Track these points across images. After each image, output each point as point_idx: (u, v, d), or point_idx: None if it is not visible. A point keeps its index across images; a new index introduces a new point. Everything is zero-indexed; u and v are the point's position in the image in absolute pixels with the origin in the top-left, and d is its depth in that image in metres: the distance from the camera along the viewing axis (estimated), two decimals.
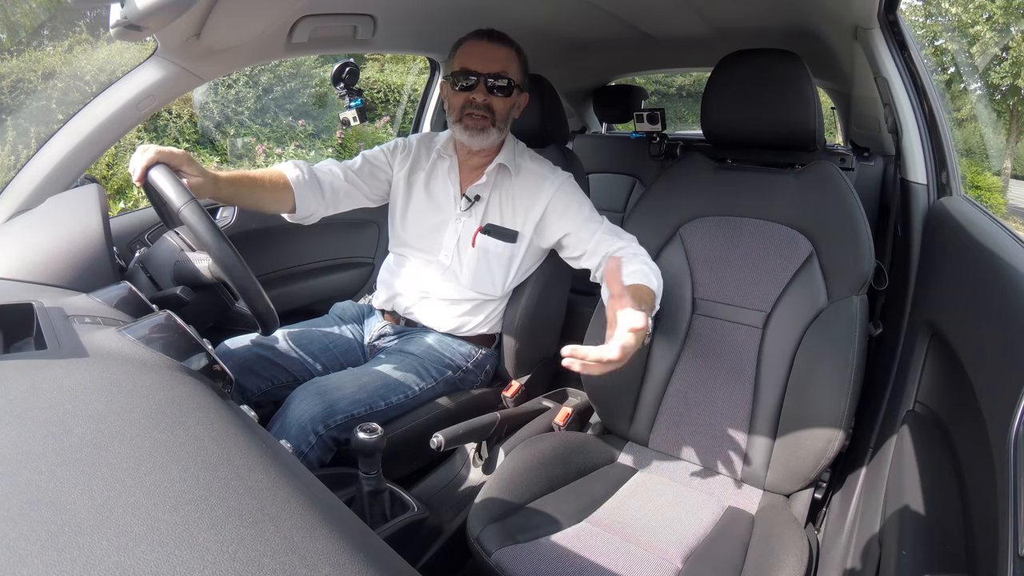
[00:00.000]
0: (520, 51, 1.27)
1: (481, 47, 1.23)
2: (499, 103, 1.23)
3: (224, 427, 0.48)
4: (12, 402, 0.44)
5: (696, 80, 11.66)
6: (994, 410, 0.64)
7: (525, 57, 1.29)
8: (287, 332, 1.32)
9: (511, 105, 1.26)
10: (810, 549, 0.95)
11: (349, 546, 0.38)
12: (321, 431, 1.09)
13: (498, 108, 1.24)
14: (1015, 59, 10.65)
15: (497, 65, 1.22)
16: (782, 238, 1.20)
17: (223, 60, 1.22)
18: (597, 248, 1.24)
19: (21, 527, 0.31)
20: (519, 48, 1.27)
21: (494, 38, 1.24)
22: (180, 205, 0.86)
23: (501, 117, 1.25)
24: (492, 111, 1.23)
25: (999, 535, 0.53)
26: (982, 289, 0.82)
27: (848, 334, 1.06)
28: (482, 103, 1.22)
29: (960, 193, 1.21)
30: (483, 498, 1.00)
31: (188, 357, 0.64)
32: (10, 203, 1.07)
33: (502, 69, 1.22)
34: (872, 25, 1.16)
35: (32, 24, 5.54)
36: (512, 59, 1.24)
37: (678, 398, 1.24)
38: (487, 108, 1.23)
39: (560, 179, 1.30)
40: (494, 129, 1.25)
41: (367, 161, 1.38)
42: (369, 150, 1.42)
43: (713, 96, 1.27)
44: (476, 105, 1.22)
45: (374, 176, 1.38)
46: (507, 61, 1.23)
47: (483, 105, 1.22)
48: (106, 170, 5.01)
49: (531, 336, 1.41)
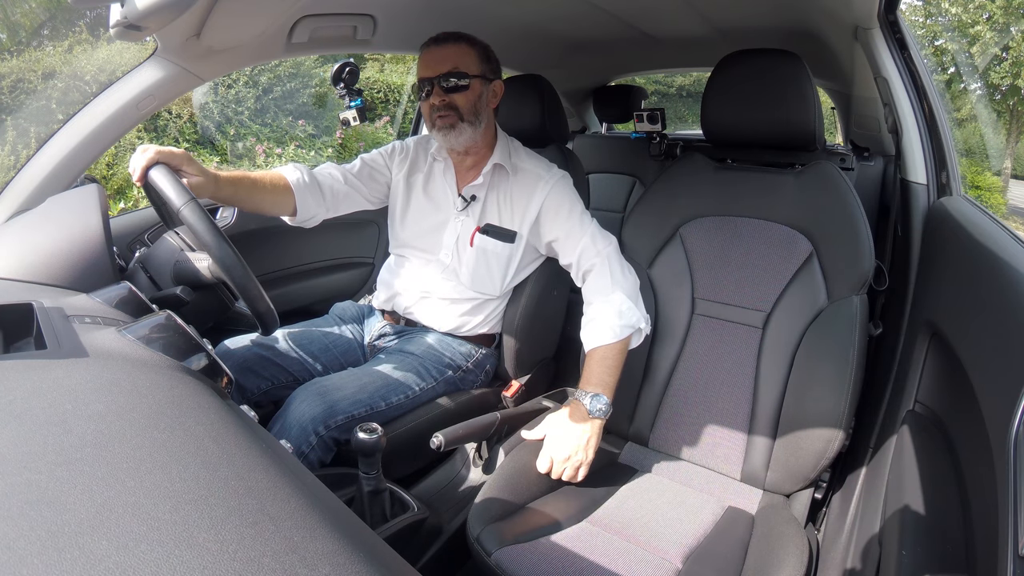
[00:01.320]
0: (474, 42, 1.27)
1: (429, 54, 1.25)
2: (459, 98, 1.24)
3: (224, 427, 0.48)
4: (12, 402, 0.44)
5: (696, 80, 11.67)
6: (994, 410, 0.64)
7: (483, 47, 1.29)
8: (287, 332, 1.32)
9: (475, 97, 1.26)
10: (810, 549, 0.95)
11: (349, 546, 0.38)
12: (322, 431, 1.09)
13: (459, 103, 1.24)
14: (1015, 59, 10.65)
15: (447, 64, 1.22)
16: (782, 238, 1.20)
17: (223, 60, 1.23)
18: (580, 261, 1.25)
19: (21, 527, 0.31)
20: (471, 40, 1.27)
21: (439, 40, 1.25)
22: (180, 205, 0.86)
23: (467, 111, 1.25)
24: (455, 108, 1.24)
25: (999, 535, 0.53)
26: (982, 289, 0.82)
27: (848, 334, 1.06)
28: (441, 103, 1.23)
29: (960, 193, 1.21)
30: (483, 498, 1.00)
31: (188, 357, 0.64)
32: (10, 203, 1.07)
33: (452, 66, 1.22)
34: (872, 25, 1.16)
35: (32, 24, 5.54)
36: (463, 53, 1.24)
37: (678, 398, 1.24)
38: (449, 107, 1.24)
39: (554, 179, 1.30)
40: (464, 124, 1.25)
41: (365, 164, 1.39)
42: (367, 153, 1.43)
43: (713, 96, 1.27)
44: (437, 107, 1.24)
45: (373, 179, 1.39)
46: (456, 57, 1.23)
47: (444, 105, 1.23)
48: (106, 170, 5.01)
49: (531, 336, 1.41)
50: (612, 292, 1.18)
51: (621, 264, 1.23)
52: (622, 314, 1.16)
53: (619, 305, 1.16)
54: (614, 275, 1.20)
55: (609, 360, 1.15)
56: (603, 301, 1.18)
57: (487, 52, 1.30)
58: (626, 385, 1.26)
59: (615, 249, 1.24)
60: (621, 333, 1.15)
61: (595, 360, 1.16)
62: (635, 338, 1.20)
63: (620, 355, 1.16)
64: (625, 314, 1.16)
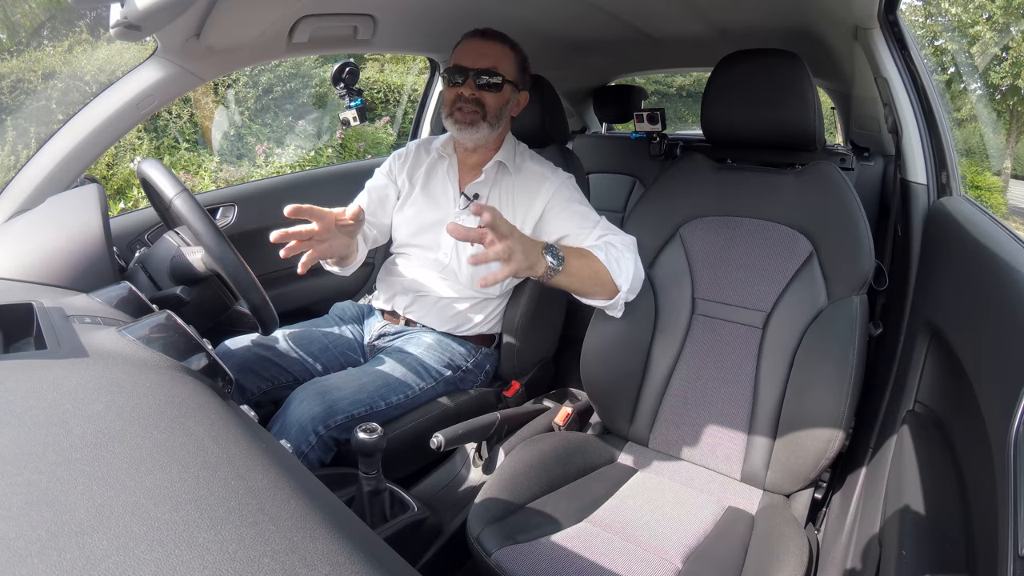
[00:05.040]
0: (516, 49, 1.27)
1: (473, 44, 1.24)
2: (489, 98, 1.24)
3: (224, 427, 0.48)
4: (12, 402, 0.44)
5: (696, 80, 11.66)
6: (994, 410, 0.64)
7: (523, 56, 1.29)
8: (287, 332, 1.32)
9: (504, 101, 1.26)
10: (810, 549, 0.95)
11: (349, 546, 0.38)
12: (321, 431, 1.09)
13: (488, 103, 1.24)
14: (1015, 59, 10.64)
15: (487, 61, 1.22)
16: (782, 238, 1.20)
17: (223, 60, 1.23)
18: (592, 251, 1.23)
19: (21, 527, 0.31)
20: (515, 46, 1.27)
21: (487, 35, 1.25)
22: (172, 196, 0.86)
23: (492, 112, 1.25)
24: (482, 106, 1.23)
25: (999, 535, 0.53)
26: (982, 289, 0.82)
27: (848, 334, 1.06)
28: (470, 97, 1.22)
29: (960, 193, 1.21)
30: (483, 498, 1.00)
31: (188, 357, 0.64)
32: (10, 203, 1.07)
33: (492, 65, 1.22)
34: (872, 25, 1.16)
35: (32, 24, 5.54)
36: (505, 55, 1.25)
37: (678, 398, 1.24)
38: (477, 103, 1.23)
39: (560, 179, 1.30)
40: (484, 124, 1.24)
41: (374, 190, 1.40)
42: (371, 180, 1.43)
43: (713, 96, 1.27)
44: (465, 99, 1.23)
45: (383, 206, 1.40)
46: (498, 57, 1.23)
47: (472, 100, 1.23)
48: (106, 170, 5.01)
49: (531, 336, 1.41)
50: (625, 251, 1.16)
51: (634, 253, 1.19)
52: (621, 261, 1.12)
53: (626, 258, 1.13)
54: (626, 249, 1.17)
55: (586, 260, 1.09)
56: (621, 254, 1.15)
57: (525, 62, 1.30)
58: (626, 385, 1.26)
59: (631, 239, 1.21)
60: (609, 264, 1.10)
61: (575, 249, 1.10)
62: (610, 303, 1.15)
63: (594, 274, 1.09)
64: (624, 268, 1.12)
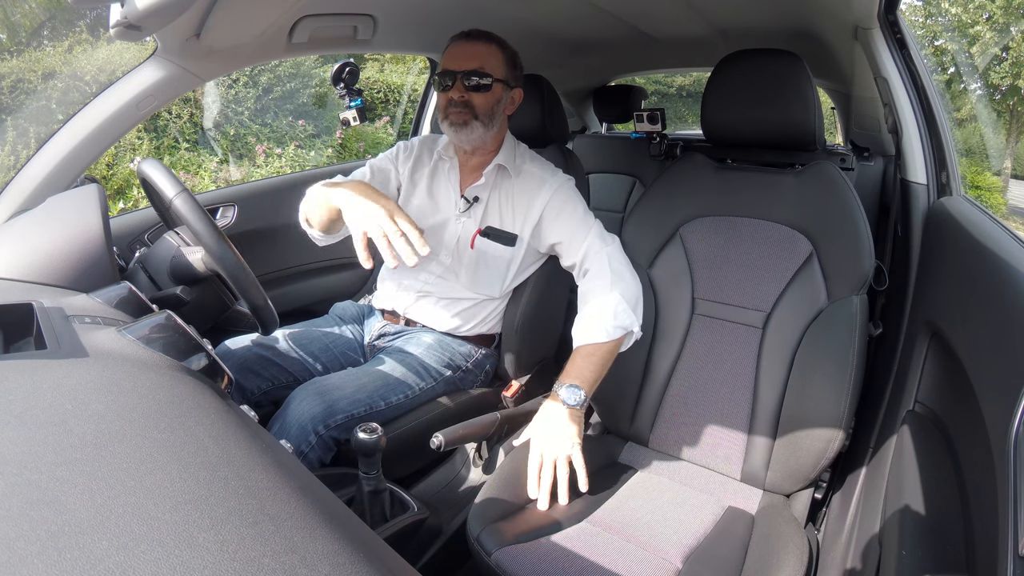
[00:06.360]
0: (504, 46, 1.27)
1: (459, 47, 1.24)
2: (478, 98, 1.24)
3: (224, 427, 0.48)
4: (12, 402, 0.43)
5: (696, 80, 11.66)
6: (994, 410, 0.64)
7: (512, 52, 1.29)
8: (287, 332, 1.32)
9: (494, 100, 1.26)
10: (810, 549, 0.95)
11: (349, 546, 0.38)
12: (321, 431, 1.09)
13: (477, 103, 1.24)
14: (1015, 59, 10.64)
15: (473, 62, 1.22)
16: (782, 238, 1.20)
17: (223, 60, 1.23)
18: (583, 262, 1.25)
19: (21, 527, 0.31)
20: (502, 43, 1.27)
21: (471, 37, 1.25)
22: (172, 196, 0.86)
23: (483, 112, 1.25)
24: (471, 106, 1.24)
25: (999, 535, 0.53)
26: (982, 289, 0.82)
27: (848, 334, 1.06)
28: (459, 100, 1.23)
29: (960, 193, 1.21)
30: (483, 498, 1.00)
31: (188, 357, 0.64)
32: (10, 203, 1.07)
33: (479, 65, 1.22)
34: (872, 25, 1.16)
35: (32, 24, 5.53)
36: (491, 54, 1.24)
37: (678, 398, 1.24)
38: (466, 104, 1.23)
39: (558, 183, 1.30)
40: (477, 123, 1.25)
41: (378, 170, 1.39)
42: (375, 159, 1.42)
43: (713, 96, 1.27)
44: (455, 103, 1.23)
45: (385, 188, 1.39)
46: (484, 57, 1.23)
47: (462, 102, 1.23)
48: (106, 170, 5.01)
49: (531, 336, 1.41)
50: (610, 291, 1.17)
51: (623, 264, 1.22)
52: (617, 315, 1.14)
53: (615, 305, 1.15)
54: (614, 275, 1.19)
55: (595, 358, 1.13)
56: (599, 300, 1.17)
57: (514, 59, 1.30)
58: (626, 385, 1.26)
59: (617, 248, 1.23)
60: (613, 333, 1.13)
61: (580, 356, 1.14)
62: (626, 340, 1.18)
63: (608, 355, 1.14)
64: (620, 315, 1.14)
